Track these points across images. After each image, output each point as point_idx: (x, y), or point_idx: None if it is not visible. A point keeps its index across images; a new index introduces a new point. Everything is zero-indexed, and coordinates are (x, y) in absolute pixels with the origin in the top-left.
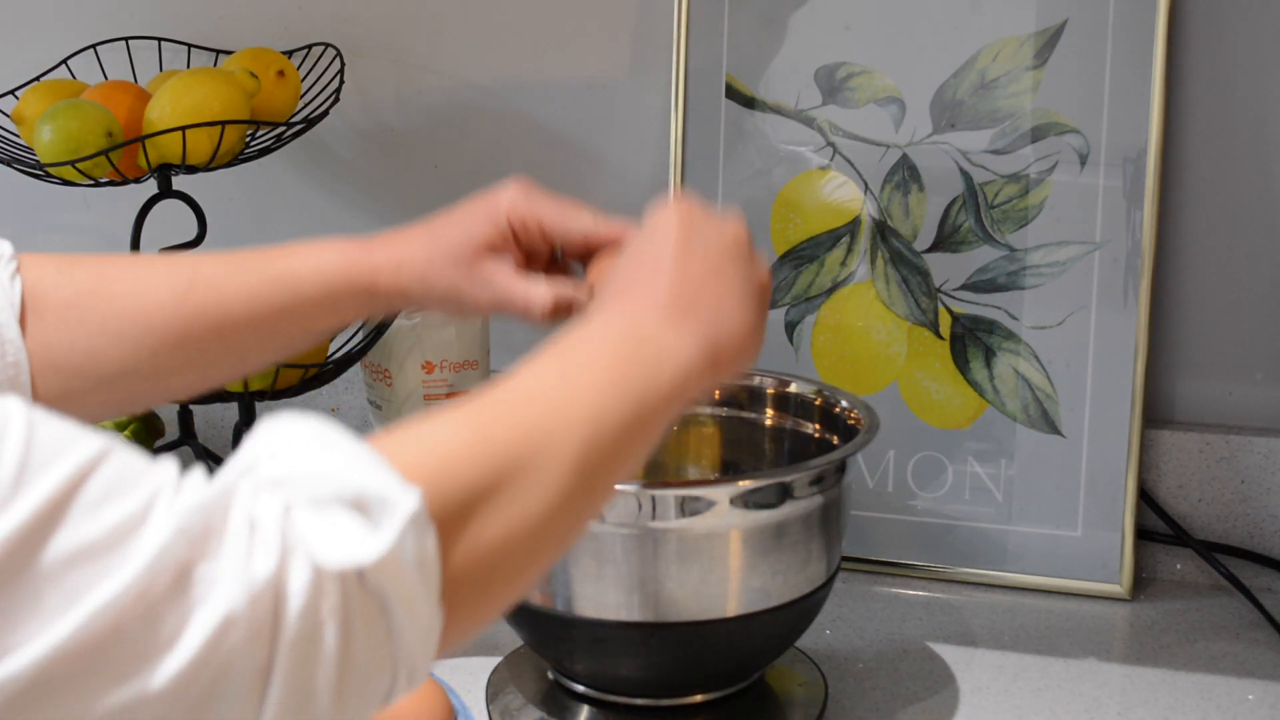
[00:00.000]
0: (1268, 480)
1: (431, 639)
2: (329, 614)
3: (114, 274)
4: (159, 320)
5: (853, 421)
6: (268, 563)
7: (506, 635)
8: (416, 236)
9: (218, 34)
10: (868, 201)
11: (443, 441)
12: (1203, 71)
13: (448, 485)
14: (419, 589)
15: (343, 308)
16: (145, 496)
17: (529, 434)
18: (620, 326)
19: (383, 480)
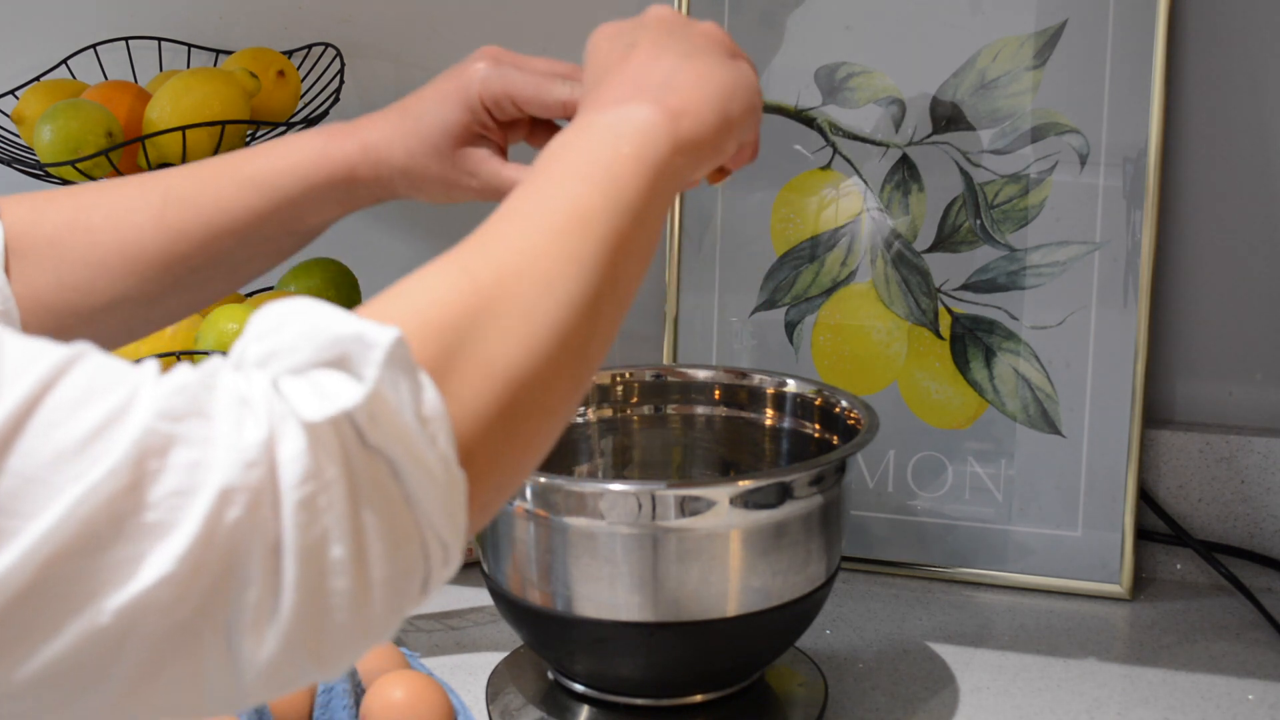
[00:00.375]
0: (1268, 480)
1: (457, 504)
2: (332, 478)
3: (89, 205)
4: (140, 246)
5: (853, 421)
6: (257, 432)
7: (507, 635)
8: (389, 123)
9: (218, 34)
10: (868, 201)
11: (420, 291)
12: (1203, 71)
13: (432, 325)
14: (425, 445)
15: (325, 203)
16: (126, 391)
17: (503, 254)
18: (568, 131)
19: (356, 326)
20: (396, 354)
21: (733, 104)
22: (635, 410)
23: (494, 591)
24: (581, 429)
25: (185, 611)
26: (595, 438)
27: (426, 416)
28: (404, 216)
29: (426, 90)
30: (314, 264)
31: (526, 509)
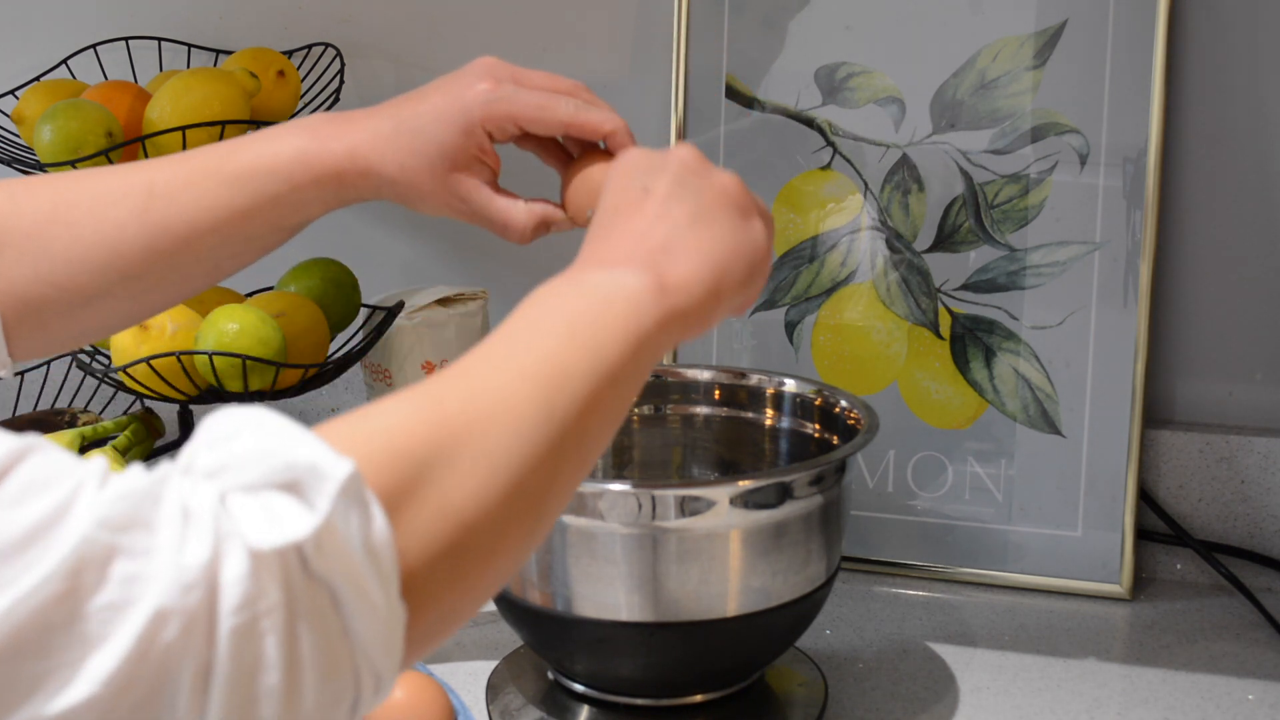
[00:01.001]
0: (1268, 480)
1: (394, 637)
2: (271, 606)
3: (70, 198)
4: (121, 243)
5: (853, 421)
6: (200, 552)
7: (506, 635)
8: (382, 131)
9: (218, 34)
10: (868, 201)
11: (389, 414)
12: (1203, 71)
13: (394, 454)
14: (370, 576)
15: (310, 203)
16: (67, 491)
17: (477, 392)
18: (562, 284)
19: (311, 453)
20: (350, 487)
21: (728, 279)
22: (635, 410)
23: None
24: None
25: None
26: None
27: (374, 548)
28: (404, 216)
29: (424, 104)
30: (314, 264)
31: None
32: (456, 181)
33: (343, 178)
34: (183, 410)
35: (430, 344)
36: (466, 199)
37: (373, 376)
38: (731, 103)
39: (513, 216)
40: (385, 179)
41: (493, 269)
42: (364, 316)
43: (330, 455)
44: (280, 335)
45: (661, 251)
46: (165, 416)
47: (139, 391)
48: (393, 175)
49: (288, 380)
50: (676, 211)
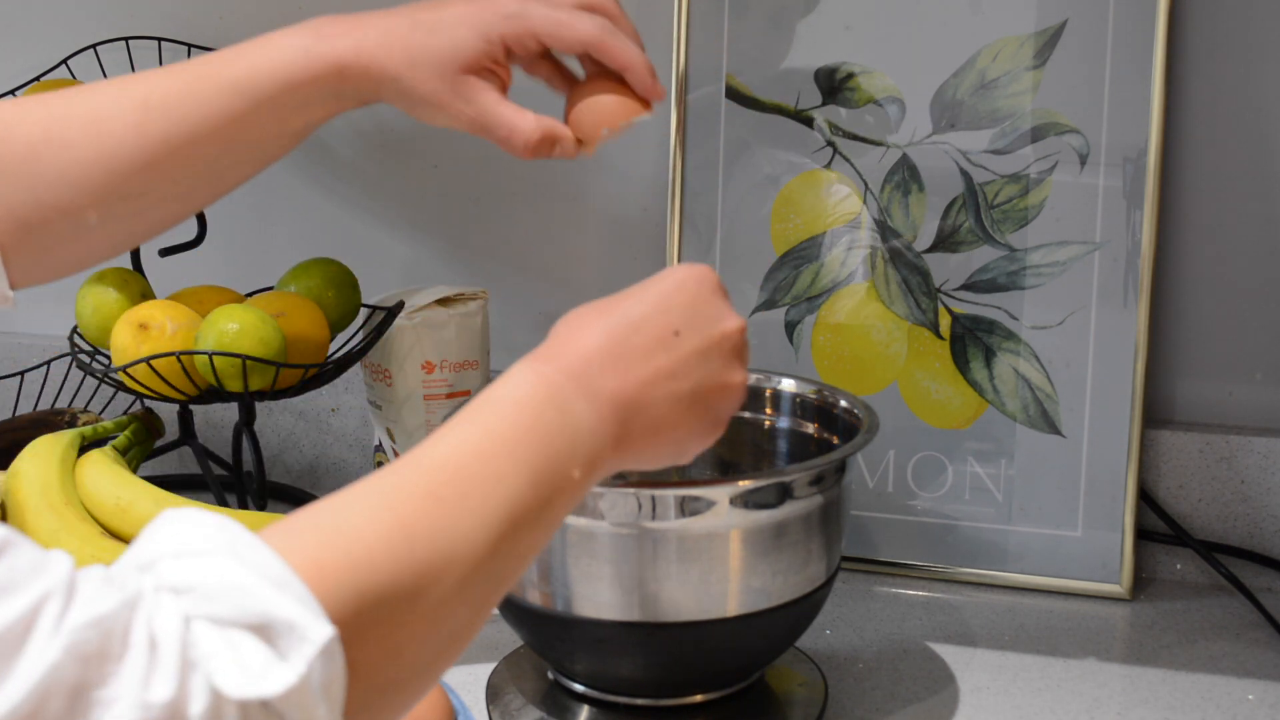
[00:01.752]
0: (1268, 480)
1: None
2: None
3: (63, 116)
4: (120, 157)
5: (853, 421)
6: (166, 688)
7: (506, 635)
8: (395, 27)
9: (218, 34)
10: (868, 201)
11: (358, 533)
12: (1203, 71)
13: (361, 582)
14: (322, 710)
15: (310, 104)
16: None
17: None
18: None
19: (292, 608)
20: (328, 649)
21: (683, 457)
22: None
23: None
24: None
25: None
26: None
27: (331, 686)
28: (404, 216)
29: (445, 9)
30: (314, 264)
31: None
32: (465, 83)
33: (344, 74)
34: (183, 410)
35: (430, 344)
36: (473, 100)
37: (373, 376)
38: (731, 103)
39: (519, 124)
40: (389, 76)
41: (493, 269)
42: (364, 316)
43: (309, 614)
44: (280, 335)
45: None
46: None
47: (139, 391)
48: (398, 73)
49: (288, 380)
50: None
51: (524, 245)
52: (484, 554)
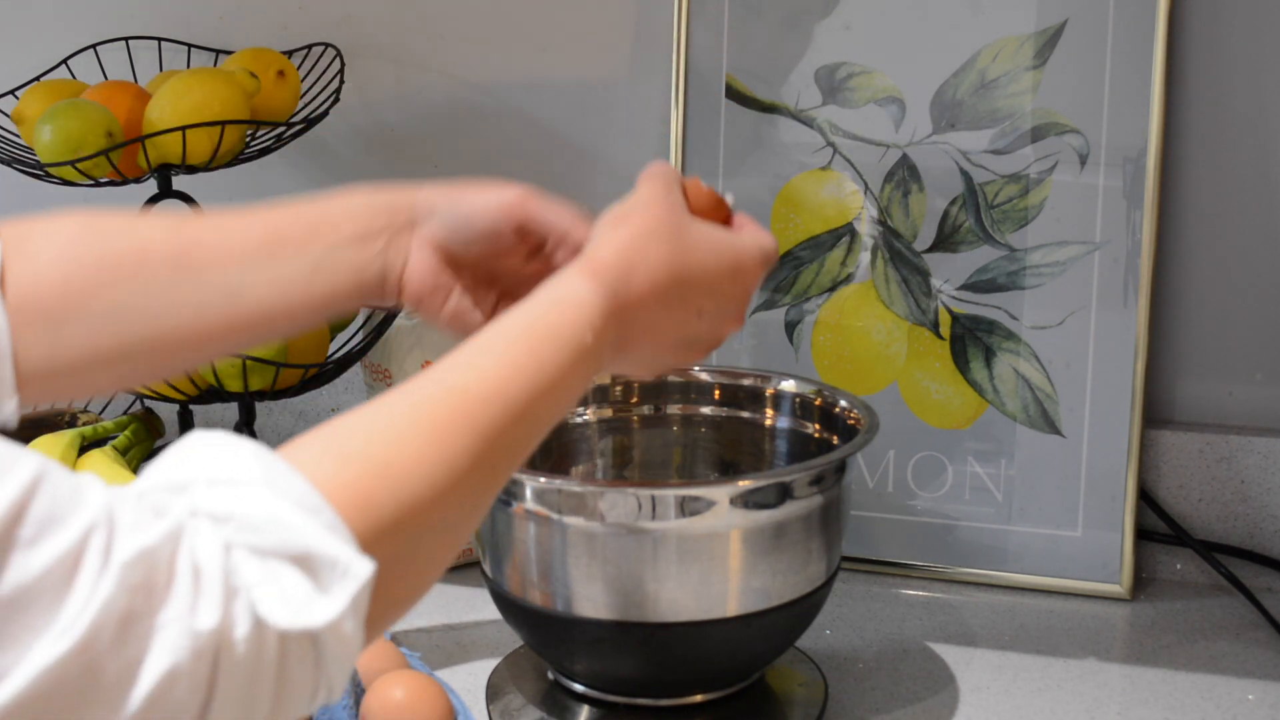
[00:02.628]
0: (1268, 480)
1: (354, 658)
2: (268, 664)
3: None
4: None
5: (853, 421)
6: (212, 615)
7: (506, 635)
8: None
9: (218, 34)
10: (868, 201)
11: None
12: (1203, 71)
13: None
14: (350, 624)
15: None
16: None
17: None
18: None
19: (333, 544)
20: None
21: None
22: (635, 410)
23: (494, 591)
24: (581, 429)
25: None
26: (595, 438)
27: (358, 600)
28: None
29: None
30: None
31: (526, 509)
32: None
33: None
34: (183, 410)
35: (430, 344)
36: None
37: (373, 376)
38: (731, 103)
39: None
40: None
41: None
42: (364, 316)
43: (351, 551)
44: None
45: (637, 345)
46: (165, 416)
47: (139, 391)
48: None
49: (288, 380)
50: (686, 331)
51: None
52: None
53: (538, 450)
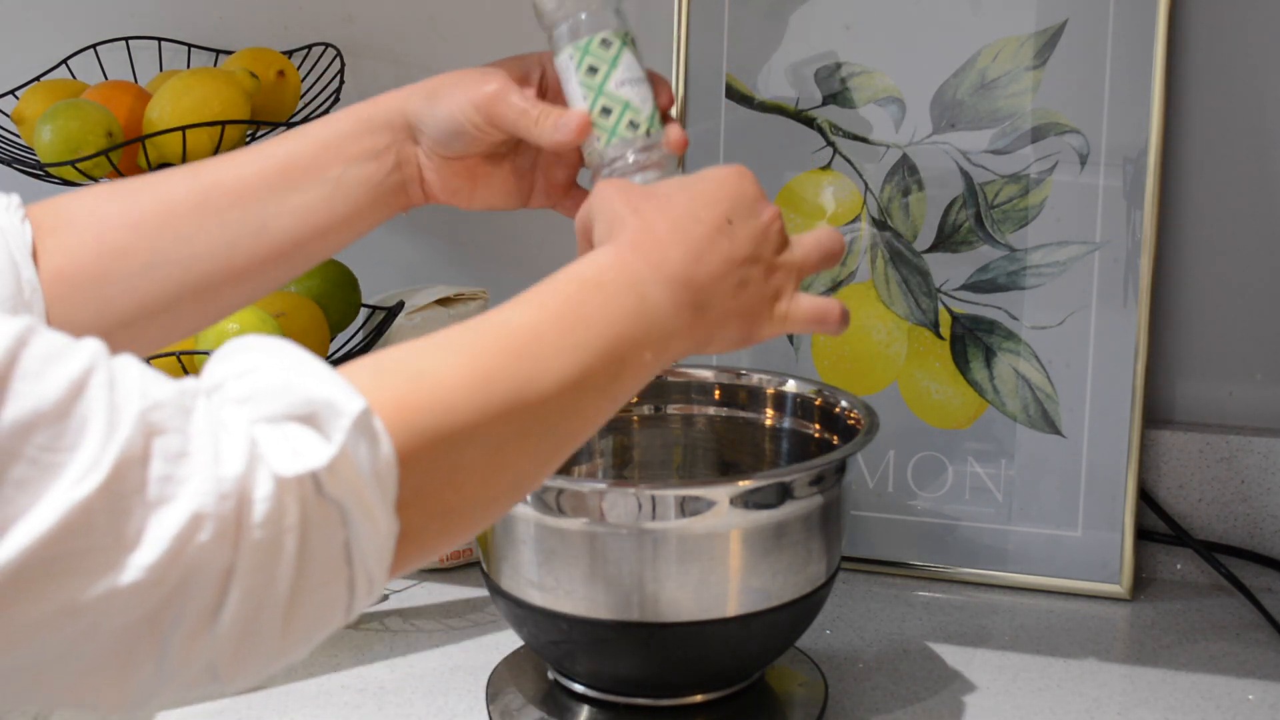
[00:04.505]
0: (1268, 480)
1: (389, 548)
2: (291, 524)
3: (126, 182)
4: (174, 198)
5: (853, 421)
6: (235, 466)
7: (506, 635)
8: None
9: (218, 34)
10: (868, 201)
11: (439, 378)
12: (1203, 71)
13: (439, 421)
14: (376, 497)
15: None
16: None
17: (521, 386)
18: (626, 283)
19: (329, 391)
20: (361, 421)
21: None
22: (635, 410)
23: (494, 591)
24: None
25: (136, 616)
26: (595, 438)
27: (380, 472)
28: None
29: None
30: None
31: (526, 509)
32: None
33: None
34: None
35: None
36: (506, 95)
37: None
38: (731, 102)
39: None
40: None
41: (493, 269)
42: (364, 316)
43: (344, 391)
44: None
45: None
46: None
47: None
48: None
49: None
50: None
51: (524, 245)
52: (552, 412)
53: None
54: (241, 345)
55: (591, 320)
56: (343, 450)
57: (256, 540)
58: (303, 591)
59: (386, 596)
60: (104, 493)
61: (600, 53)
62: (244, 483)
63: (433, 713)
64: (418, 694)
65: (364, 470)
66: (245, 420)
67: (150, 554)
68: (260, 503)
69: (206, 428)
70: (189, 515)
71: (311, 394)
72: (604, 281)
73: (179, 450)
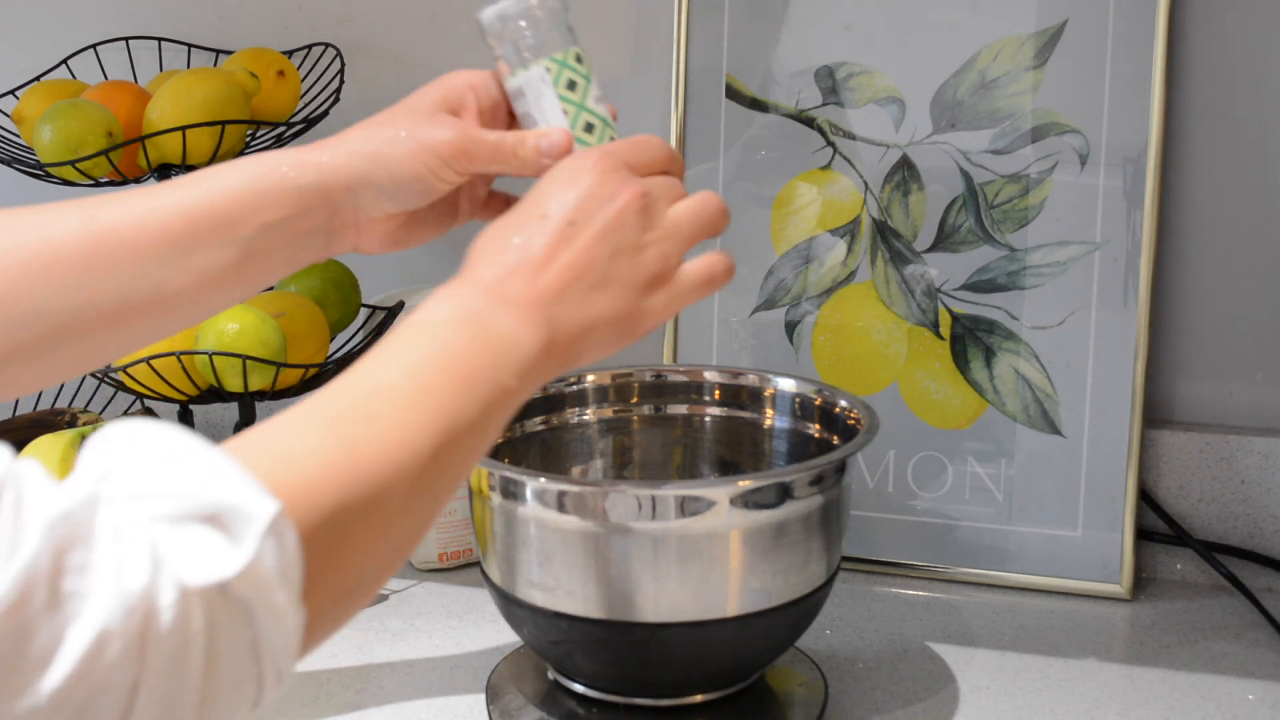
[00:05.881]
0: (1268, 480)
1: (295, 639)
2: (196, 630)
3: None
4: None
5: (853, 421)
6: (139, 577)
7: (506, 635)
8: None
9: (218, 34)
10: (868, 201)
11: (307, 455)
12: (1203, 71)
13: (319, 502)
14: (282, 593)
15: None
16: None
17: (390, 448)
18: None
19: (238, 493)
20: (275, 526)
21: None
22: (635, 410)
23: (494, 591)
24: (581, 429)
25: None
26: (595, 438)
27: (286, 568)
28: None
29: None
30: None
31: (526, 509)
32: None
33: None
34: (183, 410)
35: None
36: (468, 129)
37: None
38: (731, 102)
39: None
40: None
41: None
42: (364, 316)
43: (254, 495)
44: (280, 335)
45: (556, 304)
46: (165, 417)
47: (139, 391)
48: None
49: (288, 380)
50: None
51: None
52: (426, 464)
53: (537, 450)
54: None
55: (439, 362)
56: (255, 557)
57: (165, 652)
58: (211, 696)
59: (386, 596)
60: (11, 616)
61: (578, 67)
62: (148, 594)
63: (433, 713)
64: (418, 694)
65: (271, 570)
66: (145, 519)
67: (55, 678)
68: (165, 611)
69: (109, 537)
70: (95, 633)
71: (216, 495)
72: (443, 321)
73: (83, 563)
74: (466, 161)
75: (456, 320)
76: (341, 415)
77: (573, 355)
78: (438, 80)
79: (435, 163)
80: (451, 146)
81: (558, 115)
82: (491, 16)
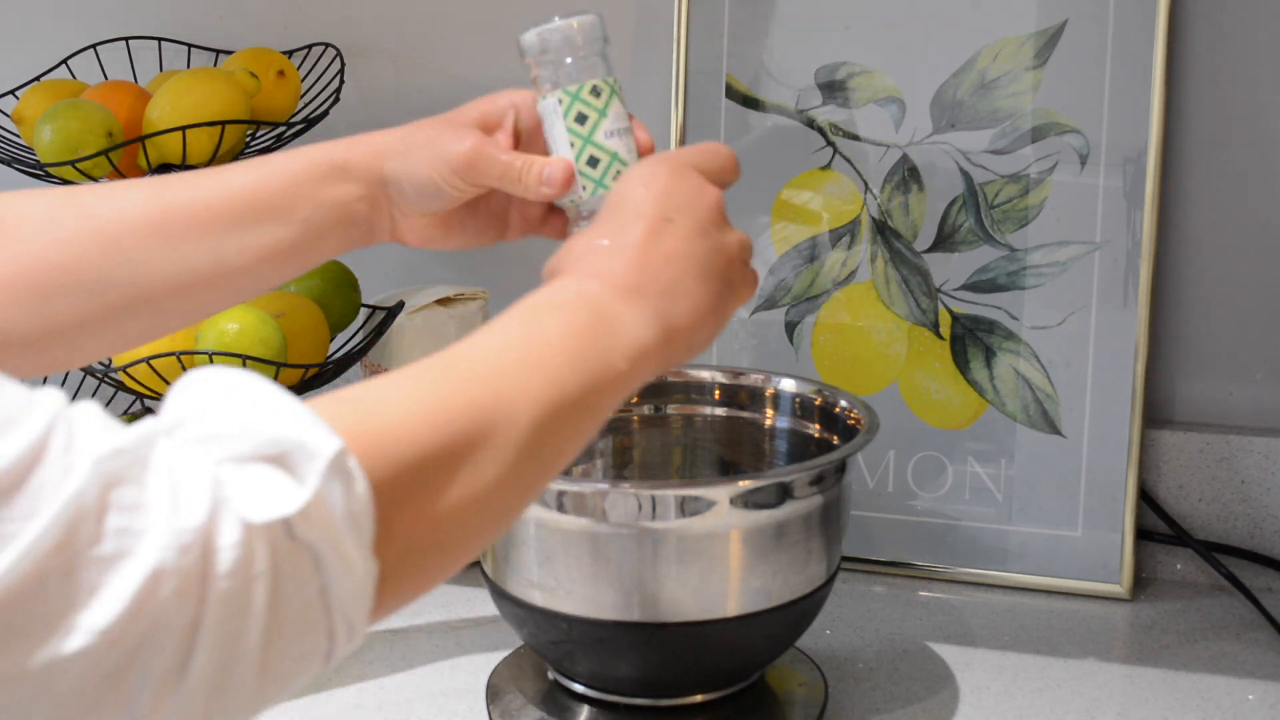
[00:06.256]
0: (1268, 480)
1: (367, 592)
2: (260, 571)
3: (84, 191)
4: (131, 217)
5: (853, 421)
6: (196, 515)
7: (506, 635)
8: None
9: (218, 34)
10: (868, 201)
11: (398, 406)
12: (1203, 71)
13: (401, 450)
14: (351, 540)
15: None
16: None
17: (485, 407)
18: (580, 299)
19: (302, 430)
20: (337, 463)
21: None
22: (635, 410)
23: (494, 591)
24: None
25: (96, 677)
26: (595, 438)
27: (355, 514)
28: None
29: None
30: None
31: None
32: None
33: (346, 165)
34: None
35: (430, 344)
36: (486, 144)
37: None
38: (731, 103)
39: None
40: (391, 154)
41: (493, 269)
42: (364, 316)
43: (318, 432)
44: (280, 335)
45: (669, 297)
46: None
47: (139, 391)
48: (398, 154)
49: (288, 380)
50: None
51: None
52: (525, 432)
53: None
54: (202, 378)
55: (551, 338)
56: (317, 494)
57: (224, 591)
58: (277, 642)
59: None
60: (57, 554)
61: (591, 100)
62: (206, 532)
63: (433, 713)
64: (418, 694)
65: (338, 512)
66: (209, 461)
67: (104, 616)
68: (225, 551)
69: (164, 475)
70: (148, 571)
71: (281, 433)
72: (559, 303)
73: (134, 501)
74: (476, 175)
75: (568, 301)
76: (440, 375)
77: (687, 345)
78: (487, 95)
79: (446, 172)
80: (463, 159)
81: (565, 146)
82: (531, 39)
